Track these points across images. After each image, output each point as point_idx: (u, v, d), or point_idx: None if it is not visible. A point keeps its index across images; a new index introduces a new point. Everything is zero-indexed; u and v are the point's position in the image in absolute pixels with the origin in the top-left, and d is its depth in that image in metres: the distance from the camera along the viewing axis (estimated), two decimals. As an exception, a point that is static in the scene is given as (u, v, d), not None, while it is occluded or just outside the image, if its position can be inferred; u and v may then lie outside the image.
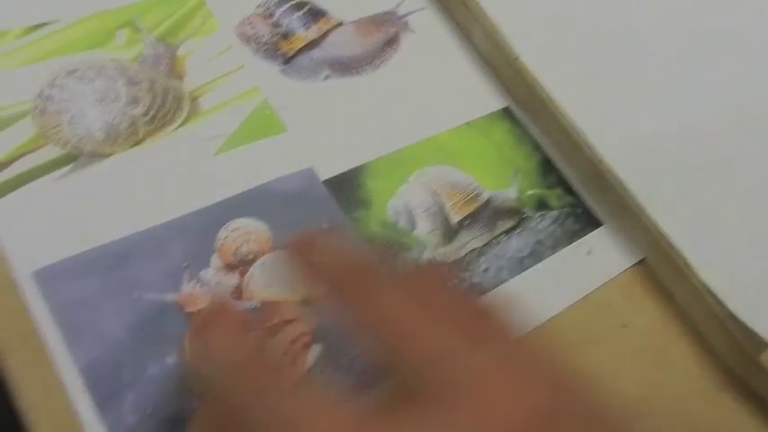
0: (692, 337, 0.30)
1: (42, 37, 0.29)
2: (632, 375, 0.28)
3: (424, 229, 0.30)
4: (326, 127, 0.31)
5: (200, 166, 0.29)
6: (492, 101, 0.35)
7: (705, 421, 0.28)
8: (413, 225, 0.30)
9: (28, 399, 0.23)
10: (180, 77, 0.30)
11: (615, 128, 0.33)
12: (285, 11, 0.34)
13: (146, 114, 0.29)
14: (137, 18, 0.31)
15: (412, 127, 0.33)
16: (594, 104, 0.34)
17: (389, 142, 0.32)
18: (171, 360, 0.24)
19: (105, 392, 0.23)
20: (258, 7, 0.34)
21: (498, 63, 0.36)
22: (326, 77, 0.33)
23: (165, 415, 0.23)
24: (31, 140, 0.27)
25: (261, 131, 0.30)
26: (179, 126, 0.29)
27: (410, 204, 0.30)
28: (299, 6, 0.34)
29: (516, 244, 0.31)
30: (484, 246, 0.30)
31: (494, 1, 0.36)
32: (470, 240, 0.30)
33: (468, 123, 0.34)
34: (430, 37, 0.36)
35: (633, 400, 0.28)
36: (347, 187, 0.30)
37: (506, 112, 0.35)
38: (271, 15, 0.33)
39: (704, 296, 0.29)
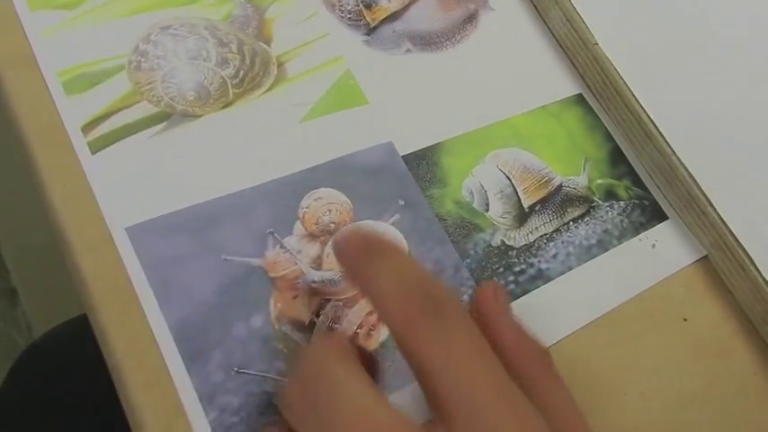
0: (749, 335, 0.30)
1: (136, -9, 0.29)
2: (690, 368, 0.29)
3: (497, 211, 0.30)
4: (406, 102, 0.32)
5: (285, 132, 0.29)
6: (566, 86, 0.35)
7: (758, 418, 0.29)
8: (486, 206, 0.30)
9: (119, 352, 0.24)
10: (267, 41, 0.31)
11: (688, 121, 0.33)
12: (369, -21, 0.34)
13: (235, 76, 0.29)
14: (226, -23, 0.31)
15: (488, 108, 0.33)
16: (669, 96, 0.34)
17: (466, 122, 0.32)
18: (256, 321, 0.25)
19: (193, 350, 0.24)
20: (343, -26, 0.33)
21: (574, 47, 0.36)
22: (407, 51, 0.33)
23: (249, 374, 0.25)
24: (126, 95, 0.27)
25: (343, 102, 0.31)
26: (266, 91, 0.30)
27: (484, 185, 0.31)
28: (382, -24, 0.34)
29: (584, 232, 0.31)
30: (553, 232, 0.31)
31: (575, -16, 0.35)
32: (540, 225, 0.31)
33: (542, 108, 0.34)
34: (508, 15, 0.36)
35: (689, 392, 0.28)
36: (424, 164, 0.30)
37: (580, 99, 0.35)
38: (355, -17, 0.33)
39: (765, 294, 0.30)
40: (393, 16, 0.33)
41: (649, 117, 0.33)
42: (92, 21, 0.28)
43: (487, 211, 0.30)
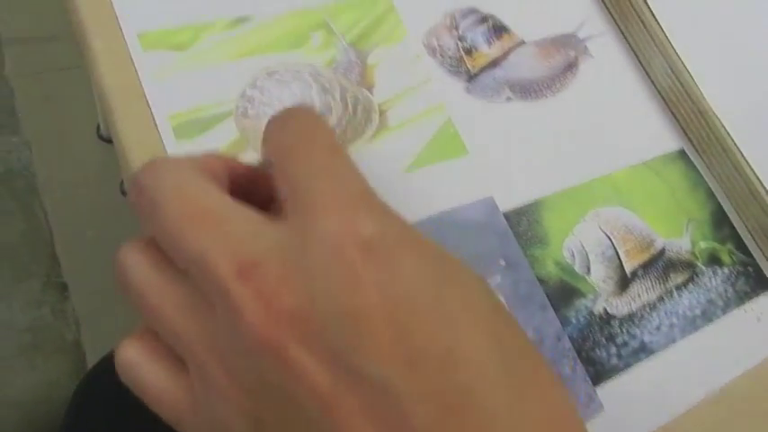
0: None
1: (243, 33, 0.29)
2: (799, 453, 0.28)
3: (599, 274, 0.29)
4: (506, 153, 0.31)
5: (387, 185, 0.28)
6: (668, 140, 0.34)
7: None
8: (587, 269, 0.29)
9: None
10: (369, 88, 0.30)
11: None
12: (470, 24, 0.33)
13: (337, 125, 0.29)
14: (330, 20, 0.31)
15: (588, 162, 0.32)
16: (779, 159, 0.32)
17: (567, 176, 0.31)
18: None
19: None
20: (445, 16, 0.33)
21: (677, 100, 0.34)
22: (508, 99, 0.32)
23: None
24: (234, 143, 0.27)
25: (444, 152, 0.30)
26: (368, 140, 0.29)
27: (585, 246, 0.30)
28: (482, 20, 0.33)
29: (688, 301, 0.30)
30: (656, 300, 0.29)
31: (681, 33, 0.34)
32: (643, 292, 0.29)
33: (643, 163, 0.33)
34: (608, 64, 0.35)
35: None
36: (525, 221, 0.29)
37: (682, 154, 0.34)
38: (456, 27, 0.33)
39: None
40: (493, 63, 0.33)
41: (756, 176, 0.32)
42: (202, 63, 0.28)
43: (589, 274, 0.29)
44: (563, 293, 0.28)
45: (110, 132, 0.27)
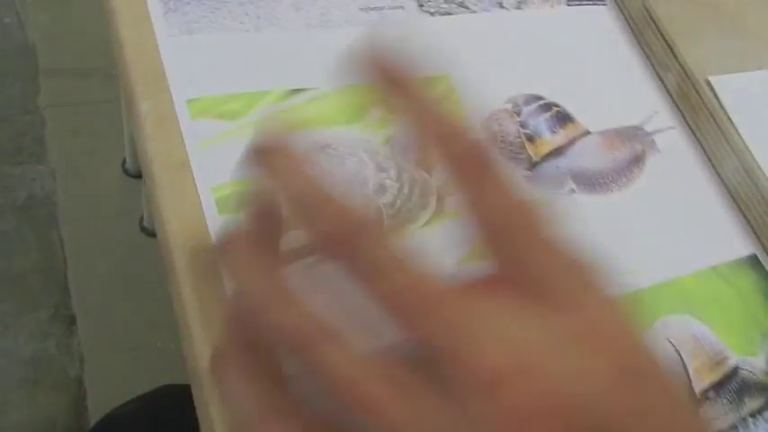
0: None
1: (297, 105, 0.27)
2: None
3: (666, 392, 0.27)
4: (568, 250, 0.29)
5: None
6: (739, 244, 0.32)
7: None
8: (654, 385, 0.27)
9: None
10: (428, 170, 0.28)
11: None
12: (533, 110, 0.31)
13: (391, 206, 0.27)
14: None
15: (655, 263, 0.30)
16: None
17: (632, 278, 0.29)
18: None
19: None
20: (507, 102, 0.31)
21: (750, 201, 0.32)
22: (571, 191, 0.30)
23: None
24: (281, 223, 0.25)
25: (502, 245, 0.28)
26: (422, 226, 0.27)
27: (651, 359, 0.27)
28: (546, 108, 0.31)
29: (764, 431, 0.27)
30: (729, 429, 0.27)
31: (754, 131, 0.32)
32: (714, 419, 0.27)
33: (713, 268, 0.30)
34: (676, 160, 0.33)
35: None
36: (586, 326, 0.27)
37: (754, 261, 0.31)
38: (518, 113, 0.31)
39: None
40: (556, 152, 0.31)
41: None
42: (251, 134, 0.26)
43: (655, 391, 0.27)
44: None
45: (149, 206, 0.25)
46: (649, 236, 0.30)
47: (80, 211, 1.12)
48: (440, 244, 0.27)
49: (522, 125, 0.31)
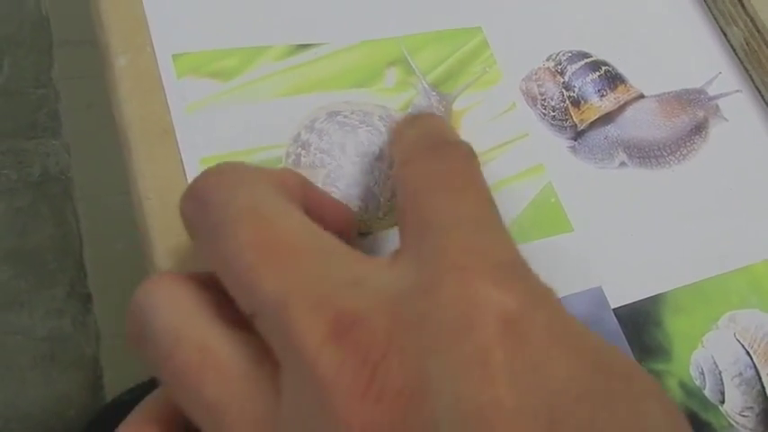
0: None
1: (306, 62, 0.23)
2: None
3: (735, 404, 0.22)
4: (620, 233, 0.24)
5: (468, 264, 0.22)
6: (817, 229, 0.27)
7: None
8: (722, 395, 0.23)
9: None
10: (454, 139, 0.24)
11: None
12: (578, 69, 0.27)
13: (411, 183, 0.23)
14: (410, 54, 0.25)
15: (721, 250, 0.25)
16: None
17: (695, 267, 0.25)
18: None
19: None
20: (548, 59, 0.27)
21: (829, 179, 0.28)
22: (622, 164, 0.26)
23: None
24: (281, 201, 0.21)
25: (543, 227, 0.24)
26: (448, 205, 0.23)
27: (719, 362, 0.23)
28: (594, 67, 0.27)
29: None
30: (812, 443, 0.22)
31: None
32: (795, 431, 0.23)
33: (787, 256, 0.26)
34: (745, 130, 0.28)
35: None
36: (641, 323, 0.23)
37: (835, 248, 0.27)
38: (561, 72, 0.27)
39: None
40: (605, 119, 0.26)
41: None
42: (248, 97, 0.22)
43: (723, 403, 0.22)
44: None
45: (125, 173, 0.21)
46: (713, 217, 0.26)
47: (96, 187, 1.10)
48: (469, 226, 0.23)
49: (566, 87, 0.26)
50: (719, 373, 0.23)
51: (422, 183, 0.15)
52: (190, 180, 0.21)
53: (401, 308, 0.12)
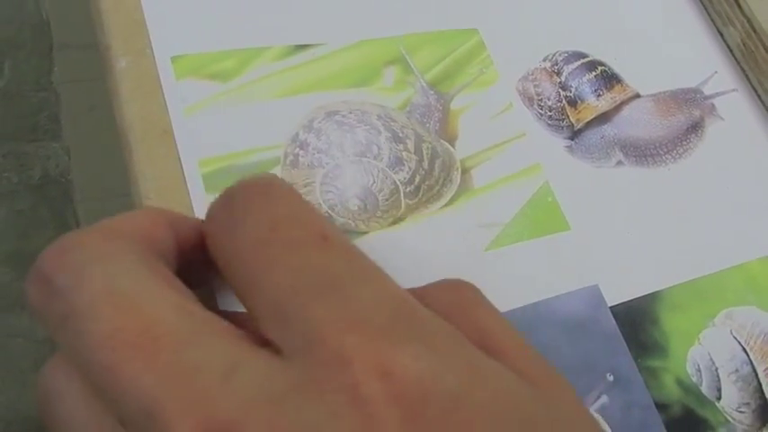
0: None
1: (304, 63, 0.24)
2: None
3: (732, 400, 0.23)
4: (616, 232, 0.25)
5: (467, 262, 0.22)
6: (813, 227, 0.27)
7: None
8: (718, 391, 0.23)
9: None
10: (451, 140, 0.24)
11: None
12: (574, 70, 0.27)
13: (409, 182, 0.23)
14: (408, 54, 0.25)
15: (717, 247, 0.25)
16: None
17: (691, 264, 0.25)
18: None
19: None
20: (545, 60, 0.27)
21: (825, 177, 0.28)
22: (618, 163, 0.26)
23: None
24: (279, 200, 0.21)
25: (540, 226, 0.24)
26: (446, 205, 0.23)
27: (715, 359, 0.23)
28: (591, 67, 0.27)
29: None
30: (809, 439, 0.23)
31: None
32: (789, 427, 0.23)
33: (783, 253, 0.26)
34: (740, 129, 0.29)
35: None
36: (639, 320, 0.23)
37: (830, 245, 0.27)
38: (558, 73, 0.27)
39: None
40: (602, 118, 0.27)
41: None
42: (247, 98, 0.22)
43: (719, 399, 0.23)
44: (686, 425, 0.22)
45: (126, 174, 0.22)
46: (709, 215, 0.26)
47: (96, 190, 1.10)
48: (464, 226, 0.23)
49: (563, 87, 0.26)
50: (716, 369, 0.23)
51: (234, 251, 0.13)
52: (189, 182, 0.21)
53: (281, 414, 0.11)
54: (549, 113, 0.26)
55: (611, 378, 0.22)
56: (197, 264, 0.15)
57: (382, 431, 0.10)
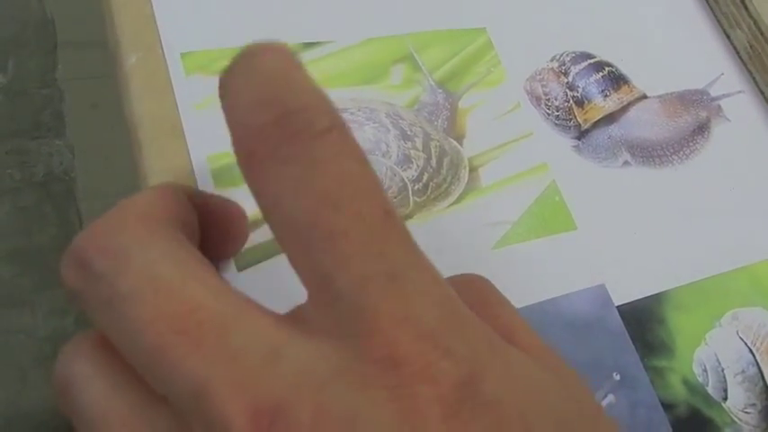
0: None
1: (312, 60, 0.24)
2: None
3: (738, 401, 0.23)
4: (623, 231, 0.25)
5: (473, 260, 0.22)
6: (819, 228, 0.27)
7: None
8: (724, 392, 0.23)
9: None
10: (459, 138, 0.24)
11: None
12: (582, 70, 0.27)
13: (418, 180, 0.23)
14: (416, 52, 0.25)
15: (723, 248, 0.25)
16: None
17: (698, 265, 0.25)
18: None
19: None
20: (552, 60, 0.27)
21: (831, 179, 0.28)
22: (625, 163, 0.26)
23: None
24: (288, 197, 0.21)
25: (547, 225, 0.24)
26: (453, 203, 0.23)
27: (721, 360, 0.23)
28: (598, 67, 0.27)
29: None
30: (815, 441, 0.23)
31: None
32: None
33: (789, 255, 0.26)
34: (748, 130, 0.29)
35: None
36: (645, 320, 0.23)
37: (836, 248, 0.27)
38: (565, 73, 0.27)
39: None
40: (609, 118, 0.27)
41: None
42: (256, 94, 0.23)
43: (726, 400, 0.23)
44: (692, 425, 0.22)
45: (135, 170, 0.22)
46: (715, 216, 0.26)
47: (99, 188, 1.10)
48: (472, 224, 0.23)
49: (570, 87, 0.27)
50: (722, 370, 0.23)
51: (293, 203, 0.12)
52: (198, 177, 0.21)
53: (326, 399, 0.11)
54: (557, 113, 0.26)
55: (617, 377, 0.22)
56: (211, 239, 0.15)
57: (423, 427, 0.11)
